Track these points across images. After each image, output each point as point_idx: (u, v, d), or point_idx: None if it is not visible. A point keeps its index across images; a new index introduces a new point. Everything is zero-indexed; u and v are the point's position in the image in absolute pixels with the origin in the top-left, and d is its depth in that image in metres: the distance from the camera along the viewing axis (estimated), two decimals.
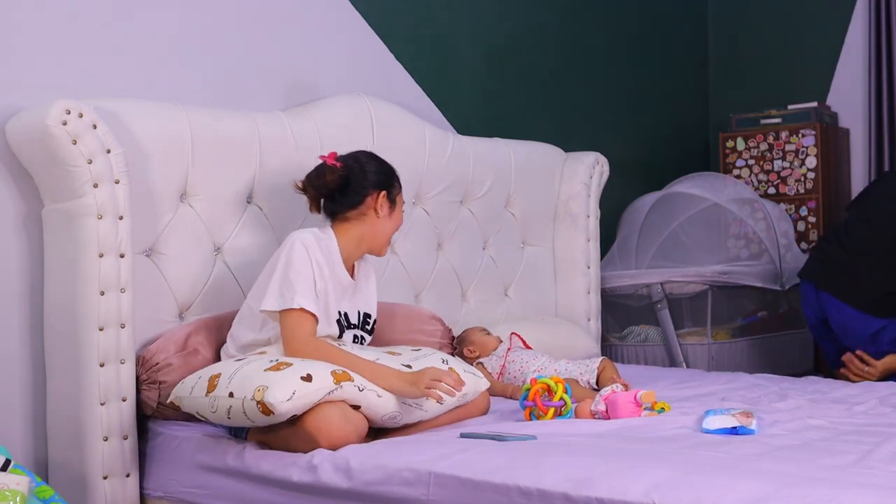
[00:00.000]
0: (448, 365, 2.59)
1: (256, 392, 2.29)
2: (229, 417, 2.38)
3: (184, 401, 2.49)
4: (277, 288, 2.53)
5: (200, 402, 2.43)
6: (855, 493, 1.69)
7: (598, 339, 4.04)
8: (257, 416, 2.31)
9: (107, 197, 2.55)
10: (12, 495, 1.96)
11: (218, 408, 2.38)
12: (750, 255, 4.55)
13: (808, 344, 4.56)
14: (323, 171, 2.71)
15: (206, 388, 2.41)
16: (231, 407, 2.35)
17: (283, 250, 2.60)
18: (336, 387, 2.34)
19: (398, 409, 2.45)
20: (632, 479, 1.86)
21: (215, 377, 2.42)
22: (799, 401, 2.83)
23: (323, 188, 2.70)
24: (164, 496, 2.61)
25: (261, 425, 2.39)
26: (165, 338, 2.72)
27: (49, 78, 2.75)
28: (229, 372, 2.41)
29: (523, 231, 3.93)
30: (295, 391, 2.28)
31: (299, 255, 2.56)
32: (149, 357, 2.67)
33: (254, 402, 2.29)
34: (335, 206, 2.72)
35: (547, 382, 2.61)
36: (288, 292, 2.51)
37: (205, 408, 2.42)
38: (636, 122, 4.91)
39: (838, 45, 4.99)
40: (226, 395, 2.36)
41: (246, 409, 2.32)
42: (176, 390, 2.53)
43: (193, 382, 2.47)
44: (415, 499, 2.09)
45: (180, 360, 2.67)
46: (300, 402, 2.29)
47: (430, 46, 3.88)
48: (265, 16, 3.31)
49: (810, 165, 4.77)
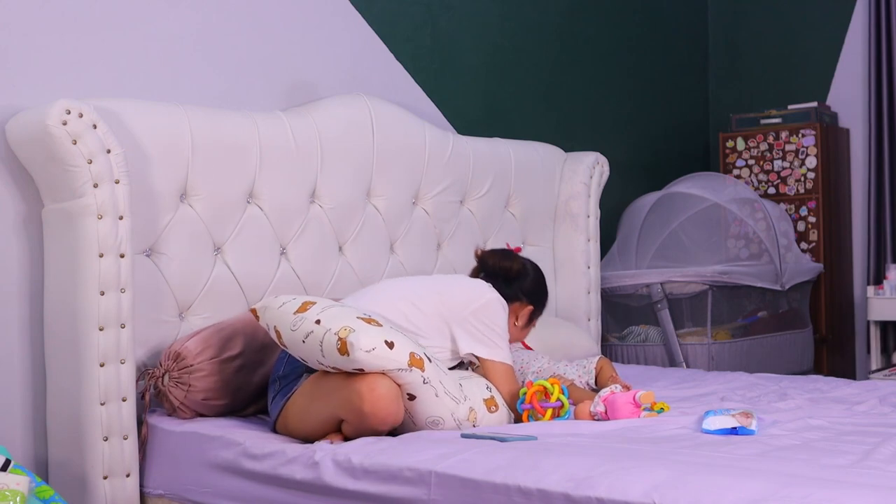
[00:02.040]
0: (491, 393, 2.59)
1: (342, 330, 2.35)
2: (304, 342, 2.41)
3: (268, 312, 2.54)
4: (485, 339, 2.68)
5: (286, 317, 2.47)
6: (855, 494, 1.69)
7: (598, 339, 4.04)
8: (332, 352, 2.35)
9: (107, 197, 2.55)
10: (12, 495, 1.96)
11: (299, 328, 2.42)
12: (750, 255, 4.55)
13: (809, 344, 4.56)
14: (509, 257, 2.90)
15: (298, 307, 2.48)
16: (312, 332, 2.39)
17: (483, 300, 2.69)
18: (407, 368, 2.38)
19: (444, 416, 2.45)
20: (632, 479, 1.86)
21: (310, 303, 2.49)
22: (799, 400, 2.83)
23: (498, 269, 2.86)
24: (165, 494, 2.61)
25: (325, 363, 2.40)
26: (203, 339, 2.73)
27: (49, 78, 2.76)
28: (324, 304, 2.49)
29: (523, 231, 3.93)
30: (375, 348, 2.33)
31: (503, 314, 2.74)
32: (185, 356, 2.68)
33: (336, 336, 2.34)
34: (494, 283, 2.81)
35: (543, 384, 2.61)
36: (498, 347, 2.70)
37: (287, 323, 2.46)
38: (636, 122, 4.91)
39: (838, 45, 4.99)
40: (312, 321, 2.41)
41: (324, 341, 2.36)
42: (265, 301, 2.59)
43: (287, 299, 2.54)
44: (416, 498, 2.09)
45: (215, 366, 2.69)
46: (375, 360, 2.33)
47: (430, 46, 3.88)
48: (265, 16, 3.32)
49: (810, 165, 4.77)
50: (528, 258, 2.98)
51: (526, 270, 2.89)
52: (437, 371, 2.45)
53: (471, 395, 2.51)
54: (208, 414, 2.73)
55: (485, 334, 2.68)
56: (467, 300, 2.71)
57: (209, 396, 2.69)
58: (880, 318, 4.55)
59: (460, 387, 2.50)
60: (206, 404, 2.70)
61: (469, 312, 2.68)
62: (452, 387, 2.47)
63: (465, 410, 2.47)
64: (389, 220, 3.41)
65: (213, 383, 2.68)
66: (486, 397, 2.55)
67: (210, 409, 2.72)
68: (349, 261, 3.29)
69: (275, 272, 3.07)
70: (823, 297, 4.74)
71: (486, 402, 2.54)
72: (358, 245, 3.31)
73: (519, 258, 2.91)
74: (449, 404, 2.44)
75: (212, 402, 2.71)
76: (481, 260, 2.92)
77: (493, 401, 2.56)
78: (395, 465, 2.14)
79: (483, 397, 2.54)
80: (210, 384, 2.68)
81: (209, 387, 2.68)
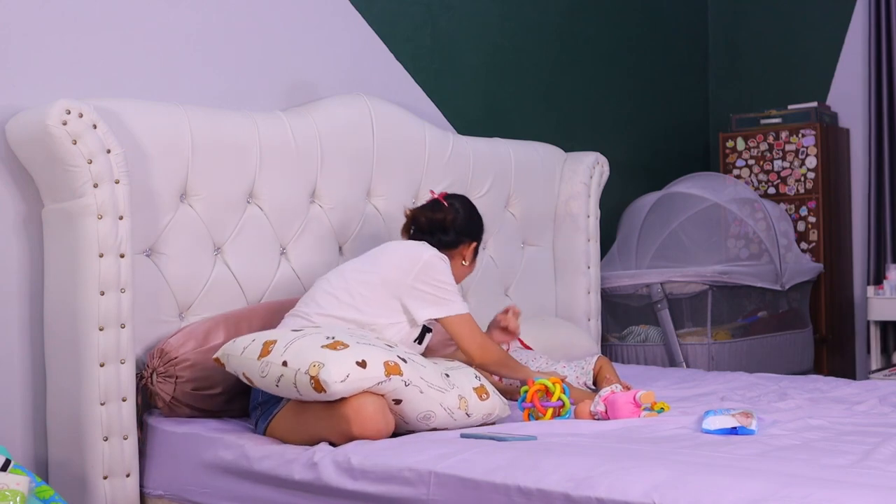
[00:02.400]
0: (480, 381, 2.59)
1: (312, 367, 2.30)
2: (277, 386, 2.38)
3: (232, 359, 2.50)
4: (436, 299, 2.69)
5: (251, 364, 2.43)
6: (855, 494, 1.69)
7: (598, 339, 4.04)
8: (308, 390, 2.32)
9: (107, 197, 2.55)
10: (12, 495, 1.96)
11: (269, 374, 2.38)
12: (750, 255, 4.55)
13: (809, 344, 4.56)
14: (438, 208, 2.89)
15: (260, 351, 2.42)
16: (282, 376, 2.35)
17: (421, 262, 2.68)
18: (385, 379, 2.35)
19: (434, 409, 2.44)
20: (632, 479, 1.85)
21: (270, 343, 2.43)
22: (799, 400, 2.83)
23: (431, 223, 2.87)
24: (164, 494, 2.61)
25: (305, 399, 2.39)
26: (186, 332, 2.75)
27: (49, 78, 2.76)
28: (285, 341, 2.41)
29: (523, 231, 3.93)
30: (349, 374, 2.29)
31: (445, 268, 2.74)
32: (168, 350, 2.69)
33: (307, 376, 2.30)
34: (431, 239, 2.83)
35: (544, 383, 2.61)
36: (451, 301, 2.71)
37: (254, 370, 2.42)
38: (636, 122, 4.91)
39: (838, 45, 4.99)
40: (279, 363, 2.36)
41: (297, 382, 2.33)
42: (225, 348, 2.54)
43: (247, 343, 2.48)
44: (415, 498, 2.09)
45: (200, 356, 2.70)
46: (352, 385, 2.30)
47: (430, 46, 3.88)
48: (265, 16, 3.32)
49: (810, 165, 4.77)
50: (455, 195, 2.99)
51: (457, 213, 2.89)
52: (416, 368, 2.43)
53: (459, 384, 2.50)
54: (204, 407, 2.72)
55: (434, 294, 2.68)
56: (407, 268, 2.69)
57: (199, 386, 2.69)
58: (880, 318, 4.55)
59: (446, 377, 2.49)
60: (198, 396, 2.70)
61: (412, 279, 2.67)
62: (436, 378, 2.45)
63: (453, 399, 2.46)
64: (390, 220, 3.41)
65: (200, 372, 2.68)
66: (475, 386, 2.54)
67: (204, 401, 2.72)
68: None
69: (275, 272, 3.07)
70: (823, 297, 4.74)
71: (476, 390, 2.53)
72: (358, 245, 3.31)
73: (447, 206, 2.90)
74: (436, 396, 2.43)
75: (204, 393, 2.71)
76: (413, 219, 2.92)
77: (483, 389, 2.55)
78: (394, 466, 2.14)
79: (472, 386, 2.53)
80: (197, 373, 2.68)
81: (197, 376, 2.68)
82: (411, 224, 2.91)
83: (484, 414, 2.53)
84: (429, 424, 2.46)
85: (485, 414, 2.53)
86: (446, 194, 2.97)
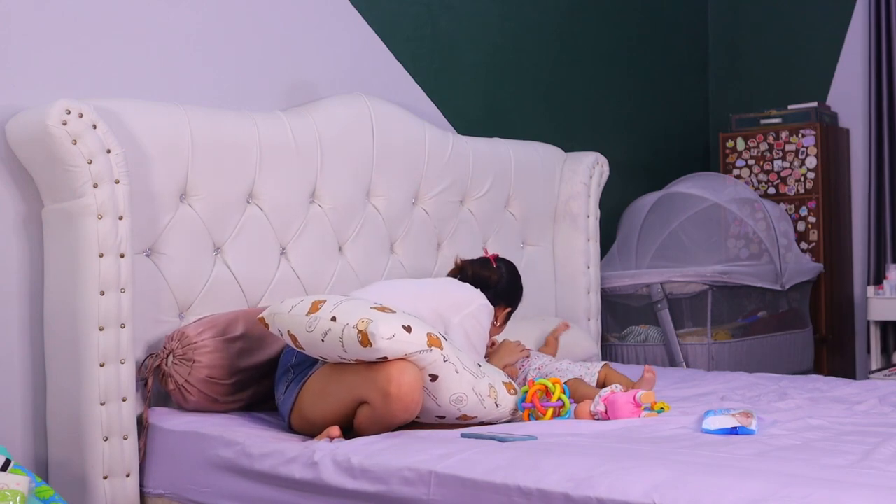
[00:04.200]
0: (508, 380, 2.68)
1: (360, 322, 2.37)
2: (323, 341, 2.43)
3: (278, 318, 2.54)
4: (470, 341, 2.83)
5: (298, 320, 2.48)
6: (855, 494, 1.69)
7: (598, 339, 4.04)
8: (354, 345, 2.37)
9: (107, 197, 2.55)
10: (12, 495, 1.96)
11: (316, 328, 2.43)
12: (750, 255, 4.55)
13: (808, 344, 4.56)
14: (486, 266, 3.09)
15: (309, 308, 2.48)
16: (330, 330, 2.40)
17: (475, 304, 2.86)
18: (427, 349, 2.41)
19: (466, 392, 2.49)
20: (632, 479, 1.86)
21: (319, 302, 2.50)
22: (799, 400, 2.84)
23: (476, 278, 3.03)
24: (165, 494, 2.61)
25: (348, 357, 2.43)
26: (206, 321, 2.78)
27: (49, 78, 2.76)
28: (335, 300, 2.50)
29: (523, 231, 3.93)
30: (395, 334, 2.36)
31: (488, 320, 2.92)
32: (190, 334, 2.72)
33: (356, 330, 2.36)
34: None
35: (544, 383, 2.62)
36: (477, 353, 2.85)
37: (301, 325, 2.47)
38: (636, 122, 4.91)
39: (838, 45, 4.99)
40: (328, 318, 2.42)
41: (344, 336, 2.38)
42: (272, 308, 2.59)
43: (295, 302, 2.54)
44: (416, 498, 2.09)
45: (220, 343, 2.73)
46: (397, 346, 2.36)
47: (430, 46, 3.88)
48: (265, 16, 3.32)
49: (810, 165, 4.77)
50: (505, 259, 3.16)
51: (501, 276, 3.07)
52: (454, 349, 2.51)
53: (490, 375, 2.59)
54: (214, 395, 2.73)
55: (468, 338, 2.81)
56: (462, 303, 2.85)
57: (213, 374, 2.71)
58: (880, 318, 4.54)
59: (479, 366, 2.59)
60: (210, 383, 2.71)
61: (463, 315, 2.82)
62: (470, 363, 2.53)
63: (484, 386, 2.53)
64: (389, 220, 3.41)
65: (218, 360, 2.71)
66: (504, 381, 2.64)
67: (214, 390, 2.72)
68: (349, 261, 3.29)
69: (275, 272, 3.07)
70: (823, 297, 4.74)
71: (505, 384, 2.62)
72: (358, 245, 3.31)
73: (494, 266, 3.08)
74: (469, 379, 2.49)
75: (216, 382, 2.72)
76: (461, 269, 3.10)
77: (511, 385, 2.64)
78: (394, 465, 2.14)
79: (502, 380, 2.63)
80: (214, 360, 2.70)
81: (213, 363, 2.70)
82: (458, 273, 3.09)
83: (511, 409, 2.60)
84: (460, 409, 2.50)
85: (511, 409, 2.61)
86: (497, 256, 3.15)
